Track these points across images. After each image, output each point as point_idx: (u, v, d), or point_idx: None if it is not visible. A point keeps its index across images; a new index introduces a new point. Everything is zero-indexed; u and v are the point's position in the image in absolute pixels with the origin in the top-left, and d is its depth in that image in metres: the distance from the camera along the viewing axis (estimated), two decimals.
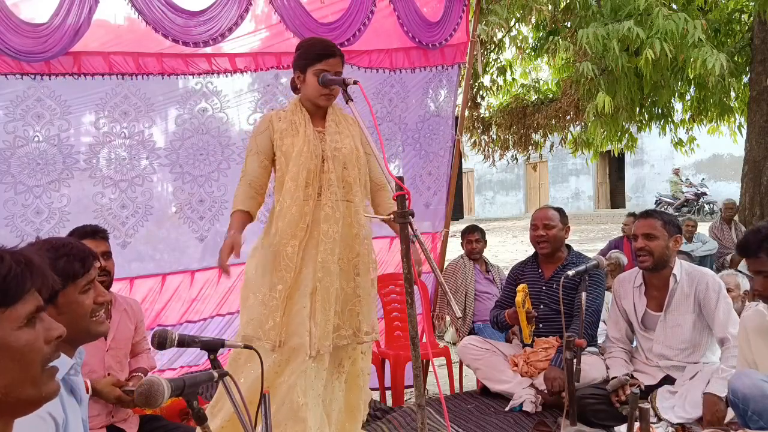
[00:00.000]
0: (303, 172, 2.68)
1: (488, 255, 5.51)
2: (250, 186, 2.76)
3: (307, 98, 2.78)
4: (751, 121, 8.37)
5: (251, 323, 2.69)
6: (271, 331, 2.64)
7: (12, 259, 1.04)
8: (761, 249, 2.34)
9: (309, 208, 2.69)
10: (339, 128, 2.82)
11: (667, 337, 3.28)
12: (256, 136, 2.81)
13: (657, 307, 3.32)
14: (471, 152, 10.90)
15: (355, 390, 2.90)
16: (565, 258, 3.75)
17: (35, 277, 1.06)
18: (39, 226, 3.25)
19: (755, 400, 2.39)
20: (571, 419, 2.75)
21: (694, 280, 3.23)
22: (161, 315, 3.69)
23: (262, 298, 2.68)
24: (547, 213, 3.81)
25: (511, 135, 10.56)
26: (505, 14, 7.35)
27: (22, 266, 1.05)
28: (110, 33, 3.27)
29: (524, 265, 3.94)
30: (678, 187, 18.82)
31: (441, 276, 2.33)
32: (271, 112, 2.92)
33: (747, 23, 8.75)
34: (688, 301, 3.23)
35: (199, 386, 1.61)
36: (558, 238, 3.75)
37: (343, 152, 2.77)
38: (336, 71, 2.69)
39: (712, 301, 3.16)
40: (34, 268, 1.07)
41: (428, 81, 4.17)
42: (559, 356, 3.46)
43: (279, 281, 2.66)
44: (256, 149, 2.78)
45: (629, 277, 3.45)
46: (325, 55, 2.69)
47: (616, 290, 3.46)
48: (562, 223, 3.77)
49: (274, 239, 2.68)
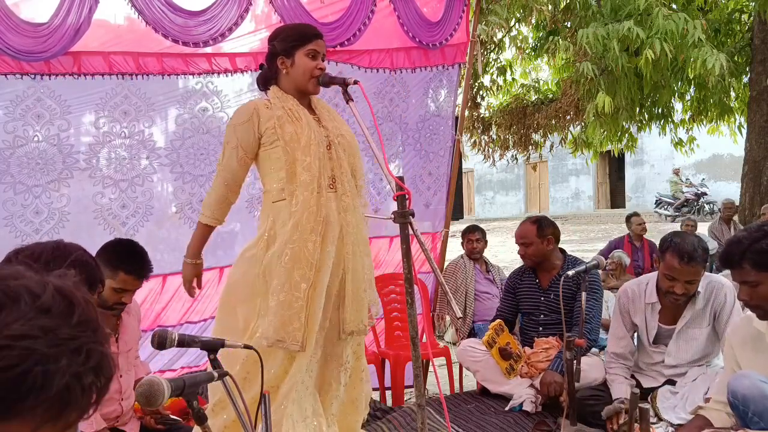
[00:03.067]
0: (315, 162, 2.52)
1: (488, 255, 5.51)
2: (226, 187, 2.60)
3: (295, 85, 2.62)
4: (751, 121, 8.38)
5: (272, 325, 2.52)
6: (297, 332, 2.50)
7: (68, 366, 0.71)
8: (744, 259, 2.30)
9: (324, 200, 2.55)
10: (331, 115, 2.73)
11: (679, 350, 3.21)
12: (236, 126, 2.58)
13: (670, 320, 3.22)
14: (471, 152, 10.91)
15: (358, 384, 2.87)
16: (562, 266, 3.72)
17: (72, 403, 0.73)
18: (38, 227, 3.24)
19: (755, 401, 2.39)
20: (571, 419, 2.76)
21: (711, 293, 3.14)
22: (161, 316, 3.69)
23: (285, 299, 2.50)
24: (522, 230, 3.77)
25: (511, 135, 10.58)
26: (505, 14, 7.36)
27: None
28: (110, 33, 3.26)
29: (521, 274, 3.90)
30: (678, 187, 18.82)
31: (441, 276, 2.33)
32: (254, 100, 2.69)
33: (747, 23, 8.76)
34: (704, 314, 3.16)
35: (199, 386, 1.61)
36: (538, 252, 3.70)
37: (346, 138, 2.67)
38: (323, 54, 2.62)
39: (726, 314, 3.12)
40: (51, 386, 0.71)
41: (428, 81, 4.17)
42: (557, 361, 3.44)
43: (302, 280, 2.51)
44: (236, 142, 2.57)
45: (638, 291, 3.29)
46: (314, 35, 2.62)
47: (624, 305, 3.32)
48: (539, 236, 3.69)
49: (293, 236, 2.50)
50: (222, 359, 1.81)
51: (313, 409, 2.70)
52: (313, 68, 2.58)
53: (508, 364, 3.58)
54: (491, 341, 3.55)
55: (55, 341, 0.71)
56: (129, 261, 2.54)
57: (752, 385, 2.42)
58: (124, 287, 2.51)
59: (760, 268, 2.28)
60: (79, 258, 1.75)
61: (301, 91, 2.65)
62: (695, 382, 3.14)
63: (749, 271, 2.30)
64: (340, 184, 2.61)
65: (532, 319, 3.79)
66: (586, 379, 3.24)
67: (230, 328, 2.65)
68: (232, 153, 2.58)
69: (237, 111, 2.67)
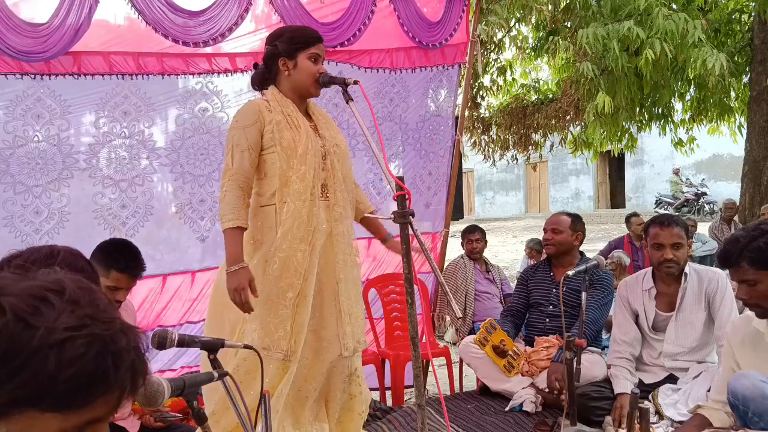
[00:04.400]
0: (310, 171, 2.53)
1: (488, 255, 5.51)
2: (241, 189, 2.50)
3: (296, 87, 2.61)
4: (751, 121, 8.37)
5: (257, 332, 2.54)
6: (282, 341, 2.52)
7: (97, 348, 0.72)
8: (742, 258, 2.32)
9: (316, 209, 2.56)
10: (327, 122, 2.72)
11: (678, 337, 3.27)
12: (245, 128, 2.53)
13: (667, 307, 3.31)
14: (471, 152, 10.91)
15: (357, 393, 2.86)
16: (576, 264, 3.74)
17: (115, 379, 0.74)
18: (38, 227, 3.24)
19: (755, 401, 2.39)
20: (571, 419, 2.75)
21: (704, 279, 3.24)
22: (162, 316, 3.69)
23: (271, 305, 2.52)
24: (558, 218, 3.87)
25: (511, 135, 10.57)
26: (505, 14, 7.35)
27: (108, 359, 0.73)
28: (110, 33, 3.26)
29: (536, 268, 4.00)
30: (678, 187, 18.83)
31: (441, 276, 2.33)
32: (255, 101, 2.65)
33: (747, 23, 8.75)
34: (699, 300, 3.24)
35: (199, 386, 1.61)
36: (565, 242, 3.79)
37: (341, 148, 2.68)
38: (323, 57, 2.64)
39: (719, 299, 3.20)
40: (121, 363, 0.75)
41: (429, 81, 4.17)
42: (560, 352, 3.45)
43: (289, 288, 2.52)
44: (247, 144, 2.51)
45: (637, 280, 3.43)
46: (316, 39, 2.63)
47: (624, 295, 3.43)
48: (572, 229, 3.80)
49: (282, 244, 2.51)
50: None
51: (315, 416, 2.70)
52: (316, 71, 2.60)
53: (506, 361, 3.58)
54: (483, 340, 3.56)
55: (105, 325, 0.74)
56: (121, 259, 2.53)
57: (752, 385, 2.42)
58: (117, 285, 2.51)
59: (758, 266, 2.29)
60: (72, 262, 1.73)
61: (300, 94, 2.65)
62: (697, 379, 3.16)
63: (747, 270, 2.31)
64: (333, 194, 2.62)
65: (541, 310, 3.83)
66: (586, 376, 3.26)
67: (218, 330, 2.65)
68: (243, 155, 2.51)
69: (240, 112, 2.60)
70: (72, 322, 0.72)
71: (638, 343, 3.39)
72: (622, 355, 3.35)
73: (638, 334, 3.39)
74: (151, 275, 3.62)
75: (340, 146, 2.68)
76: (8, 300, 0.71)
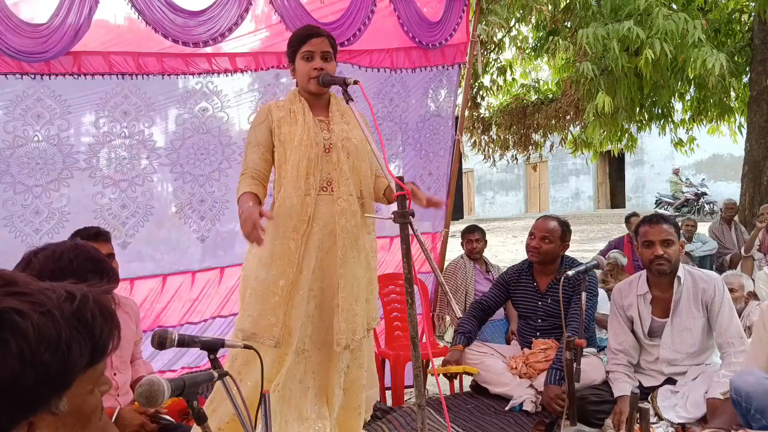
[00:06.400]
0: (303, 161, 2.57)
1: (488, 255, 5.51)
2: (252, 178, 2.62)
3: (301, 87, 2.71)
4: (751, 121, 8.38)
5: (249, 318, 2.59)
6: (273, 328, 2.56)
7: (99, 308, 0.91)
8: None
9: (311, 200, 2.58)
10: (345, 118, 2.72)
11: (674, 342, 3.22)
12: (255, 127, 2.71)
13: (662, 312, 3.26)
14: (471, 152, 10.91)
15: (360, 391, 2.85)
16: (557, 269, 3.65)
17: (115, 333, 0.93)
18: (38, 227, 3.24)
19: (758, 398, 2.39)
20: (571, 419, 2.75)
21: (700, 284, 3.19)
22: (162, 316, 3.69)
23: (263, 293, 2.59)
24: (548, 225, 3.62)
25: (511, 135, 10.58)
26: (505, 14, 7.36)
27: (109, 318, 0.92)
28: (110, 33, 3.27)
29: (518, 273, 3.79)
30: (678, 187, 18.83)
31: (441, 276, 2.33)
32: (269, 103, 2.83)
33: (747, 23, 8.76)
34: (695, 305, 3.19)
35: (199, 386, 1.61)
36: (552, 252, 3.61)
37: (353, 142, 2.67)
38: (323, 51, 2.61)
39: (717, 305, 3.15)
40: (115, 322, 0.94)
41: (429, 81, 4.17)
42: (552, 372, 3.38)
43: (280, 276, 2.57)
44: (256, 141, 2.67)
45: (631, 285, 3.36)
46: (307, 36, 2.64)
47: (618, 301, 3.36)
48: (562, 239, 3.61)
49: (277, 232, 2.58)
50: None
51: (318, 413, 2.71)
52: (309, 70, 2.62)
53: None
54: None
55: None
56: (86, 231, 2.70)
57: (756, 382, 2.42)
58: None
59: None
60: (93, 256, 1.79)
61: (309, 92, 2.71)
62: (695, 381, 3.14)
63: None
64: (337, 188, 2.62)
65: (530, 323, 3.74)
66: (585, 379, 3.23)
67: None
68: (253, 150, 2.66)
69: (256, 114, 2.85)
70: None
71: (635, 351, 3.35)
72: (620, 362, 3.32)
73: (635, 342, 3.35)
74: (151, 275, 3.63)
75: (351, 140, 2.67)
76: None
